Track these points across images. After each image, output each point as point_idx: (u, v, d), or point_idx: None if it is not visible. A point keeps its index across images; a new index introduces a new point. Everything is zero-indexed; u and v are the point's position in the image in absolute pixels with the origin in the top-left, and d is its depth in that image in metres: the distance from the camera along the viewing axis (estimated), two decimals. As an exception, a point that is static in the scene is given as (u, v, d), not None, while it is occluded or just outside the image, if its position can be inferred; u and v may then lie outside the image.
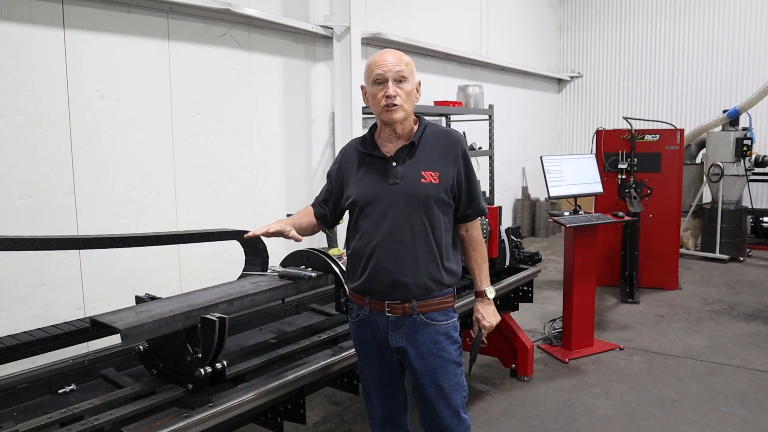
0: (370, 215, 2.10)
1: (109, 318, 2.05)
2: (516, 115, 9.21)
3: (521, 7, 9.41)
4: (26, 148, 3.51)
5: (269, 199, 5.12)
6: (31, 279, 3.55)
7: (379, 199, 2.08)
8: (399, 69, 2.04)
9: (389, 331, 2.11)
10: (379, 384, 2.23)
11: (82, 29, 3.74)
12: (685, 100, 9.65)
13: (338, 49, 5.40)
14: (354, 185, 2.16)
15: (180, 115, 4.34)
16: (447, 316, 2.14)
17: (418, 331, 2.09)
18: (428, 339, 2.10)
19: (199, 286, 2.64)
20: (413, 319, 2.09)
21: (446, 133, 2.20)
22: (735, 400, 3.68)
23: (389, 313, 2.09)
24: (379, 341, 2.15)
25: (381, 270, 2.07)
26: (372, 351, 2.19)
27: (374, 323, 2.14)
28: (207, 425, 1.98)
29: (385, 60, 2.06)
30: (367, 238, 2.10)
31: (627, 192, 6.08)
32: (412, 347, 2.10)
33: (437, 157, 2.11)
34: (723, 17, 9.22)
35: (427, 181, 2.07)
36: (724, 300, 5.80)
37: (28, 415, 2.03)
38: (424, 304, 2.08)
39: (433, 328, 2.10)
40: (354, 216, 2.17)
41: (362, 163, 2.17)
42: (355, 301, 2.20)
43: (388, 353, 2.15)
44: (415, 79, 2.11)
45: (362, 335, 2.20)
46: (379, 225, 2.07)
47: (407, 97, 2.06)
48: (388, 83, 2.04)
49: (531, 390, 3.86)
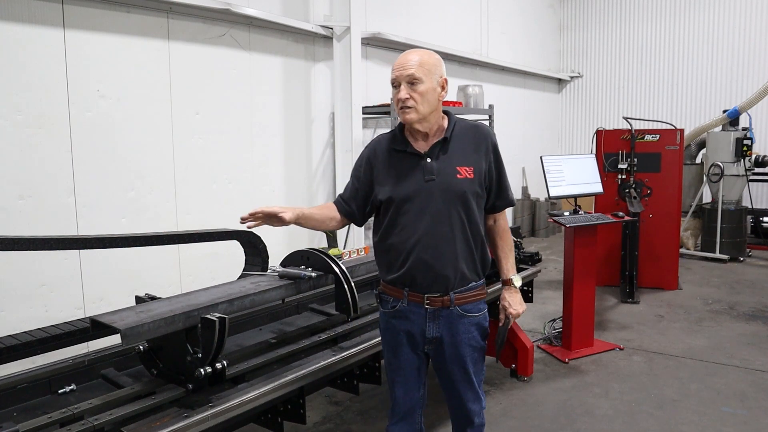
0: (409, 211, 2.14)
1: (109, 318, 2.05)
2: (516, 115, 9.21)
3: (521, 7, 9.41)
4: (26, 148, 3.51)
5: (269, 199, 5.11)
6: (31, 279, 3.55)
7: (417, 195, 2.13)
8: (410, 72, 2.07)
9: (427, 322, 2.19)
10: (404, 376, 2.28)
11: (82, 29, 3.74)
12: (685, 100, 9.65)
13: (338, 49, 5.40)
14: (388, 182, 2.19)
15: (180, 115, 4.34)
16: (479, 308, 2.24)
17: (453, 322, 2.19)
18: (463, 329, 2.20)
19: (199, 286, 2.64)
20: (450, 311, 2.17)
21: (476, 127, 2.25)
22: (735, 400, 3.68)
23: (428, 305, 2.16)
24: (414, 332, 2.21)
25: (422, 264, 2.13)
26: (403, 342, 2.24)
27: (412, 314, 2.20)
28: (207, 425, 1.98)
29: (400, 62, 2.11)
30: (407, 234, 2.14)
31: (627, 192, 6.08)
32: (448, 337, 2.20)
33: (470, 152, 2.16)
34: (723, 17, 9.22)
35: (462, 177, 2.12)
36: (724, 300, 5.80)
37: (28, 415, 2.03)
38: (461, 296, 2.17)
39: (467, 320, 2.20)
40: (390, 212, 2.19)
41: (394, 159, 2.20)
42: (391, 293, 2.25)
43: (420, 344, 2.23)
44: (436, 78, 2.11)
45: (395, 326, 2.25)
46: (419, 221, 2.13)
47: (421, 99, 2.08)
48: (401, 86, 2.09)
49: (531, 390, 3.86)
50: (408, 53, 2.12)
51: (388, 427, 2.36)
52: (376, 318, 3.02)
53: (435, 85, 2.10)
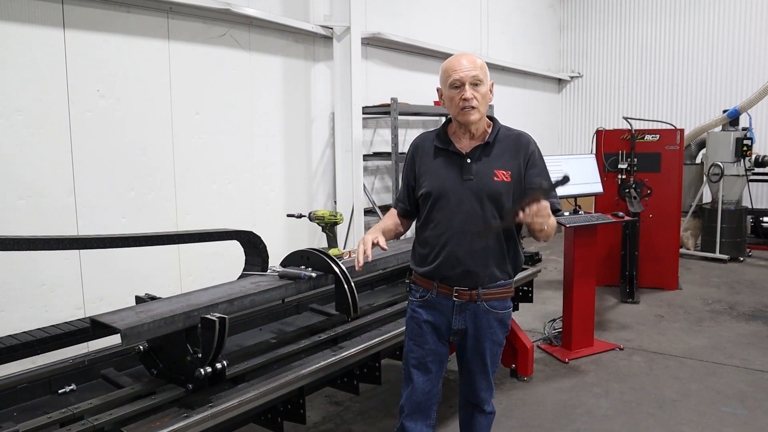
0: (444, 207, 2.23)
1: (109, 318, 2.05)
2: (516, 115, 9.20)
3: (521, 7, 9.41)
4: (26, 148, 3.51)
5: (269, 199, 5.12)
6: (31, 279, 3.55)
7: (454, 193, 2.22)
8: (475, 74, 2.17)
9: (453, 314, 2.28)
10: (425, 366, 2.34)
11: (82, 29, 3.74)
12: (685, 100, 9.65)
13: (338, 49, 5.40)
14: (429, 177, 2.28)
15: (180, 115, 4.34)
16: (504, 305, 2.33)
17: (479, 316, 2.28)
18: (486, 324, 2.29)
19: (199, 286, 2.64)
20: (476, 305, 2.26)
21: (519, 135, 2.32)
22: (735, 400, 3.68)
23: (456, 298, 2.25)
24: (440, 323, 2.31)
25: (453, 259, 2.22)
26: (428, 331, 2.32)
27: (440, 305, 2.29)
28: (207, 425, 1.98)
29: (461, 64, 2.18)
30: (441, 228, 2.23)
31: (627, 192, 6.08)
32: (472, 329, 2.30)
33: (509, 157, 2.24)
34: (723, 17, 9.22)
35: (499, 180, 2.21)
36: (724, 300, 5.80)
37: (28, 415, 2.03)
38: (488, 292, 2.26)
39: (492, 315, 2.29)
40: (428, 207, 2.28)
41: (437, 156, 2.29)
42: (422, 284, 2.34)
43: (445, 335, 2.32)
44: (488, 82, 2.24)
45: (422, 315, 2.33)
46: (453, 217, 2.21)
47: (483, 100, 2.20)
48: (465, 87, 2.16)
49: (531, 390, 3.86)
50: (462, 56, 2.20)
51: (403, 420, 2.38)
52: (376, 318, 3.02)
53: (489, 88, 2.24)
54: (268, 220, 5.03)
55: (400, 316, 3.15)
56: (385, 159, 6.05)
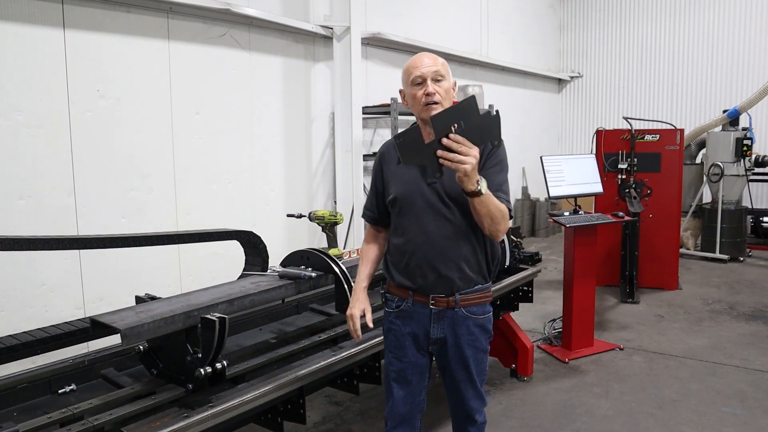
0: (411, 213, 2.16)
1: (109, 318, 2.05)
2: (516, 115, 9.21)
3: (521, 7, 9.41)
4: (26, 148, 3.51)
5: (269, 199, 5.12)
6: (31, 279, 3.55)
7: (419, 197, 2.14)
8: (436, 69, 2.14)
9: (431, 323, 2.18)
10: (405, 378, 2.27)
11: (82, 29, 3.74)
12: (685, 100, 9.65)
13: (338, 49, 5.40)
14: (395, 183, 2.22)
15: (180, 115, 4.34)
16: (484, 310, 2.23)
17: (458, 323, 2.18)
18: (466, 331, 2.19)
19: (199, 286, 2.64)
20: (455, 312, 2.17)
21: None
22: (735, 400, 3.68)
23: (433, 305, 2.17)
24: (418, 333, 2.21)
25: (426, 265, 2.14)
26: (407, 343, 2.24)
27: (417, 314, 2.20)
28: (207, 425, 1.98)
29: (423, 62, 2.15)
30: (410, 235, 2.16)
31: (627, 192, 6.08)
32: (452, 338, 2.19)
33: None
34: (723, 17, 9.22)
35: None
36: (724, 300, 5.80)
37: (28, 415, 2.03)
38: (466, 298, 2.17)
39: (471, 321, 2.20)
40: (396, 213, 2.22)
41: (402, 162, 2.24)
42: (397, 293, 2.26)
43: (424, 345, 2.22)
44: (451, 79, 2.21)
45: (400, 326, 2.25)
46: (421, 222, 2.14)
47: (446, 95, 2.16)
48: (427, 82, 2.12)
49: (531, 390, 3.86)
50: (422, 55, 2.18)
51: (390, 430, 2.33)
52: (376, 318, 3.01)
53: (450, 85, 2.19)
54: (268, 220, 5.03)
55: (400, 316, 3.14)
56: (385, 159, 6.04)
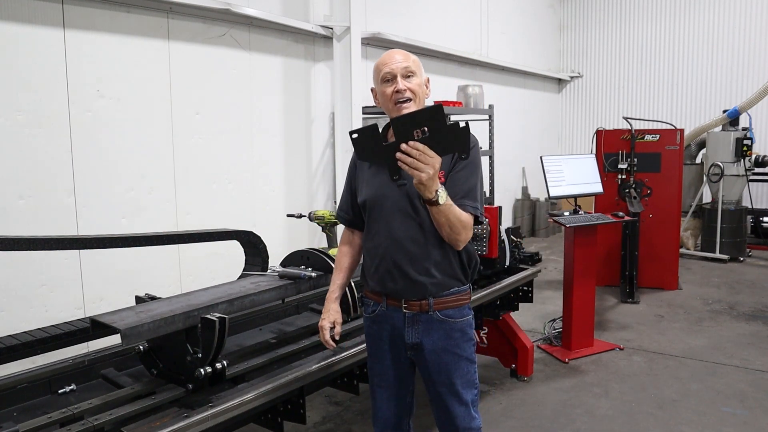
0: (380, 216, 2.10)
1: (109, 318, 2.05)
2: (516, 115, 9.21)
3: (521, 7, 9.41)
4: (26, 148, 3.51)
5: (269, 199, 5.12)
6: (31, 279, 3.55)
7: (388, 199, 2.08)
8: (406, 65, 2.07)
9: (405, 327, 2.12)
10: (387, 383, 2.22)
11: (82, 29, 3.74)
12: (685, 100, 9.65)
13: (338, 49, 5.40)
14: (365, 185, 2.17)
15: (180, 115, 4.34)
16: (462, 313, 2.15)
17: (433, 328, 2.11)
18: (443, 335, 2.11)
19: (199, 286, 2.64)
20: (429, 316, 2.10)
21: None
22: (735, 400, 3.68)
23: (406, 309, 2.11)
24: (395, 337, 2.16)
25: (396, 270, 2.08)
26: (385, 348, 2.19)
27: (391, 319, 2.15)
28: (207, 425, 1.98)
29: (392, 58, 2.10)
30: (379, 239, 2.11)
31: (627, 192, 6.08)
32: (428, 343, 2.11)
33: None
34: (723, 17, 9.22)
35: None
36: (724, 300, 5.80)
37: (28, 415, 2.03)
38: (440, 301, 2.09)
39: (448, 325, 2.11)
40: (366, 216, 2.17)
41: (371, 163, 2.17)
42: (372, 298, 2.21)
43: (402, 350, 2.16)
44: (423, 76, 2.14)
45: (377, 331, 2.21)
46: (390, 225, 2.08)
47: (418, 91, 2.08)
48: (397, 79, 2.06)
49: (531, 390, 3.86)
50: (394, 52, 2.13)
51: None
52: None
53: (423, 81, 2.12)
54: (268, 220, 5.03)
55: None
56: (385, 159, 6.05)
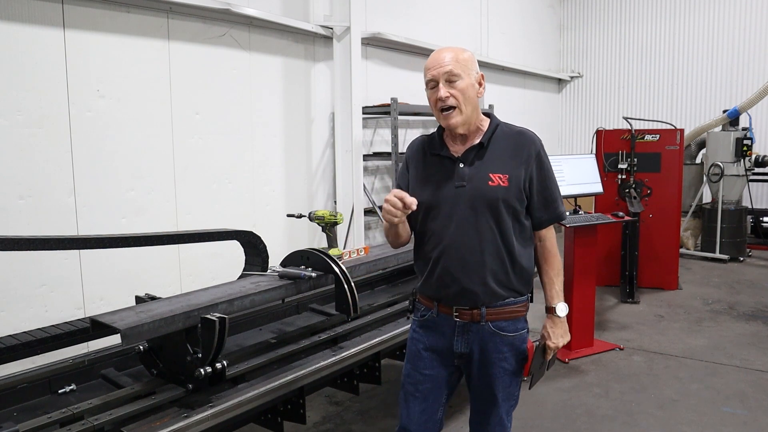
0: (436, 218, 2.01)
1: (109, 318, 2.05)
2: (516, 115, 9.20)
3: (521, 7, 9.40)
4: (26, 148, 3.50)
5: (269, 199, 5.12)
6: (31, 279, 3.55)
7: (445, 202, 1.99)
8: (448, 69, 1.93)
9: (455, 336, 2.04)
10: (422, 393, 2.10)
11: (82, 29, 3.74)
12: (685, 100, 9.65)
13: (338, 49, 5.40)
14: (420, 186, 2.06)
15: (180, 115, 4.34)
16: (515, 327, 2.07)
17: (484, 339, 2.03)
18: (493, 348, 2.04)
19: (199, 286, 2.64)
20: (480, 326, 2.01)
21: (520, 133, 2.07)
22: (735, 400, 3.68)
23: (457, 318, 2.02)
24: (441, 345, 2.07)
25: (448, 276, 1.99)
26: (429, 355, 2.09)
27: (441, 326, 2.06)
28: (207, 425, 1.98)
29: (435, 60, 1.97)
30: (433, 243, 2.02)
31: (627, 192, 6.08)
32: (477, 354, 2.04)
33: (508, 158, 1.99)
34: (723, 17, 9.22)
35: (494, 184, 1.95)
36: (724, 300, 5.80)
37: (28, 415, 2.04)
38: (493, 311, 2.01)
39: (500, 338, 2.03)
40: (420, 218, 2.06)
41: (429, 163, 2.08)
42: (424, 303, 2.12)
43: (449, 358, 2.08)
44: (474, 74, 1.98)
45: (423, 336, 2.11)
46: (445, 229, 1.99)
47: (463, 97, 1.94)
48: (439, 86, 1.95)
49: (531, 390, 3.85)
50: (440, 51, 2.00)
51: None
52: (376, 318, 3.02)
53: (473, 81, 1.97)
54: (268, 220, 5.03)
55: (400, 316, 3.15)
56: (385, 159, 6.05)
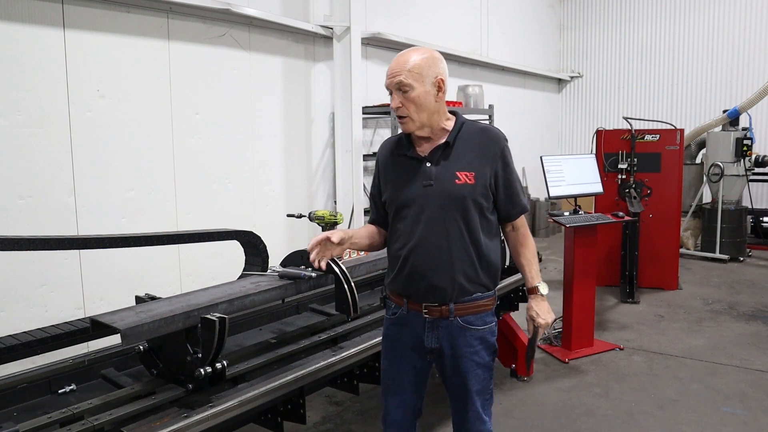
0: (405, 217, 2.06)
1: (109, 318, 2.05)
2: (516, 115, 9.21)
3: (521, 7, 9.41)
4: (26, 148, 3.51)
5: (269, 199, 5.12)
6: (31, 279, 3.55)
7: (414, 201, 2.04)
8: (399, 79, 1.98)
9: (425, 332, 2.09)
10: (400, 387, 2.20)
11: (82, 29, 3.74)
12: (685, 100, 9.65)
13: (338, 49, 5.40)
14: (390, 186, 2.12)
15: (180, 115, 4.34)
16: (484, 320, 2.11)
17: (453, 334, 2.07)
18: (463, 342, 2.08)
19: (199, 286, 2.64)
20: (450, 322, 2.06)
21: (484, 130, 2.11)
22: (735, 400, 3.68)
23: (427, 314, 2.07)
24: (414, 341, 2.13)
25: (417, 274, 2.05)
26: (403, 351, 2.17)
27: (411, 322, 2.12)
28: (207, 425, 1.98)
29: (391, 68, 2.01)
30: (403, 241, 2.07)
31: (627, 192, 6.08)
32: (448, 349, 2.09)
33: (473, 156, 2.04)
34: (723, 17, 9.22)
35: (461, 182, 2.00)
36: (724, 300, 5.80)
37: (28, 415, 2.04)
38: (461, 307, 2.06)
39: (470, 332, 2.08)
40: (391, 217, 2.13)
41: (397, 164, 2.13)
42: (394, 300, 2.19)
43: (421, 354, 2.14)
44: (429, 80, 1.99)
45: (396, 333, 2.18)
46: (414, 227, 2.04)
47: (415, 106, 1.98)
48: (393, 94, 2.01)
49: (531, 390, 3.86)
50: (400, 55, 2.02)
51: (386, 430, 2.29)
52: (376, 318, 3.02)
53: (429, 88, 1.98)
54: (268, 220, 5.03)
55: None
56: (385, 159, 6.05)
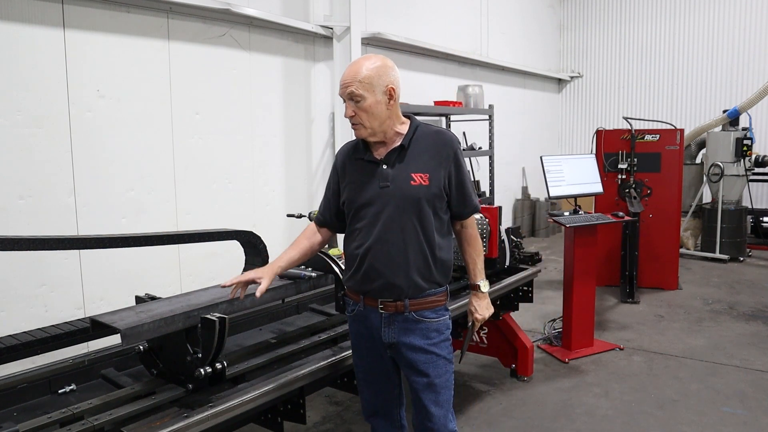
0: (363, 218, 2.15)
1: (109, 318, 2.05)
2: (516, 115, 9.22)
3: (521, 7, 9.41)
4: (26, 148, 3.50)
5: (269, 199, 5.12)
6: (31, 279, 3.55)
7: (371, 203, 2.13)
8: (350, 90, 2.04)
9: (382, 327, 2.18)
10: (371, 377, 2.31)
11: (82, 29, 3.74)
12: (685, 100, 9.65)
13: (338, 49, 5.40)
14: (349, 188, 2.20)
15: (180, 115, 4.34)
16: (438, 314, 2.20)
17: (410, 327, 2.16)
18: (420, 334, 2.16)
19: (199, 286, 2.64)
20: (405, 317, 2.15)
21: (438, 133, 2.19)
22: (735, 400, 3.68)
23: (382, 310, 2.16)
24: (374, 336, 2.21)
25: (373, 272, 2.13)
26: (366, 345, 2.26)
27: (368, 318, 2.21)
28: (207, 425, 1.98)
29: (343, 78, 2.07)
30: (360, 241, 2.15)
31: (627, 192, 6.08)
32: (405, 342, 2.17)
33: (427, 158, 2.13)
34: (723, 17, 9.22)
35: (416, 183, 2.09)
36: (724, 300, 5.80)
37: (28, 415, 2.04)
38: (416, 302, 2.14)
39: (424, 324, 2.17)
40: (349, 218, 2.22)
41: (355, 167, 2.21)
42: (351, 297, 2.28)
43: (382, 347, 2.22)
44: (380, 89, 2.05)
45: (357, 329, 2.28)
46: (371, 228, 2.12)
47: (367, 115, 2.05)
48: (346, 103, 2.07)
49: (531, 390, 3.86)
50: (352, 64, 2.08)
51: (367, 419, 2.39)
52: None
53: (380, 98, 2.05)
54: (268, 220, 5.03)
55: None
56: (385, 159, 6.05)
